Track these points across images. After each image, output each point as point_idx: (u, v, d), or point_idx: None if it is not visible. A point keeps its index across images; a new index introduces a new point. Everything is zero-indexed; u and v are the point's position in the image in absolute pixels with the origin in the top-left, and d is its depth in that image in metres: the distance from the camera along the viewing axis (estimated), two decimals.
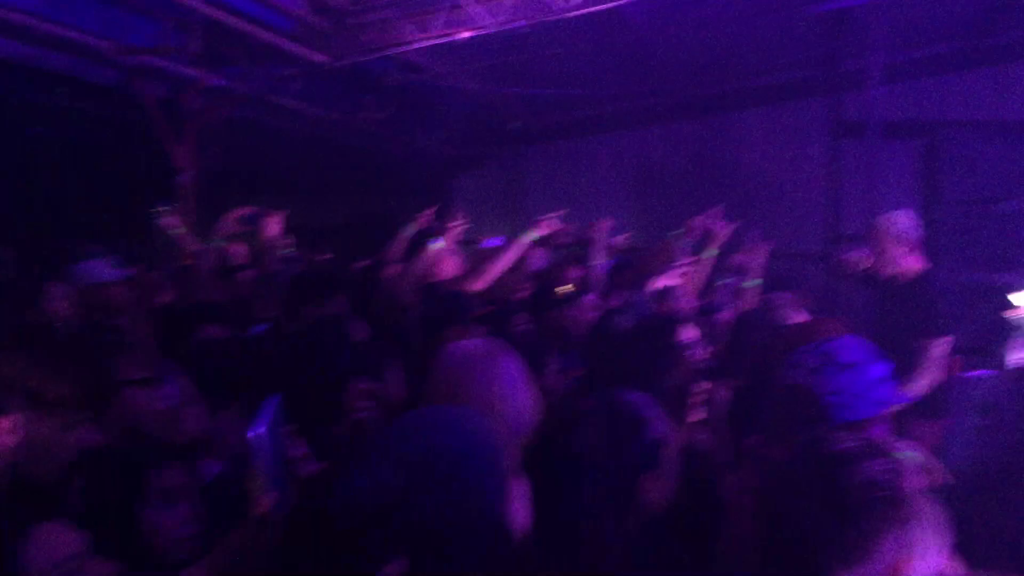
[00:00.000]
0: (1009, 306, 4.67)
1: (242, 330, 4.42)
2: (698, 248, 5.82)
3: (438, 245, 4.73)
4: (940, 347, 4.42)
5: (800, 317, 4.47)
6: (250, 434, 1.59)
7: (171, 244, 5.74)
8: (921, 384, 4.32)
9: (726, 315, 5.40)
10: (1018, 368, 5.13)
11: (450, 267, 4.92)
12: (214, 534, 2.05)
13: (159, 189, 10.08)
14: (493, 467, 1.46)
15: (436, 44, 7.80)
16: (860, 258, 5.09)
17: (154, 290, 3.96)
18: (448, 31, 7.67)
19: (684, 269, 5.36)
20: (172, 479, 2.03)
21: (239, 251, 5.94)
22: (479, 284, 4.51)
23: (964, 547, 1.88)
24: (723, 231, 5.74)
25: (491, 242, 6.86)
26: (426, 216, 5.81)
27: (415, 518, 1.37)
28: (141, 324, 3.95)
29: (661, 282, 5.16)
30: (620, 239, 6.02)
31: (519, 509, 1.53)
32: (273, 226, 4.64)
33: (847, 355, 2.02)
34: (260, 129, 9.29)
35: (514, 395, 2.04)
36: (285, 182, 12.09)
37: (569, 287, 5.16)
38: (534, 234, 4.65)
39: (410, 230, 5.80)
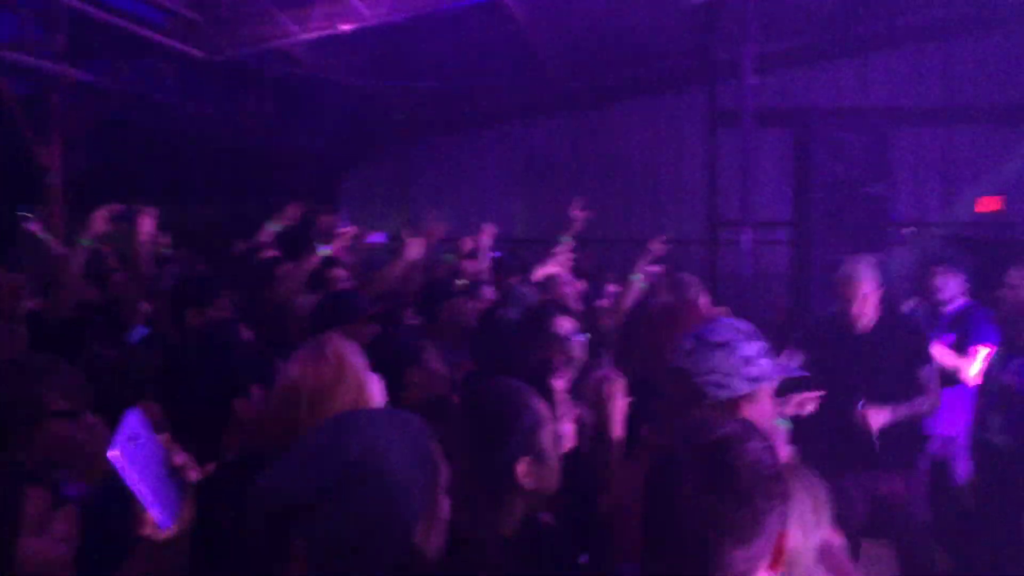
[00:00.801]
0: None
1: (119, 335, 4.25)
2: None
3: (326, 251, 4.65)
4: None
5: (704, 299, 4.50)
6: (110, 453, 1.49)
7: (37, 249, 5.46)
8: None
9: (606, 302, 5.51)
10: None
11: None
12: (93, 556, 1.97)
13: (24, 191, 9.59)
14: (421, 483, 1.43)
15: (316, 38, 7.67)
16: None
17: (17, 295, 3.73)
18: (328, 24, 7.55)
19: (562, 257, 5.43)
20: (39, 502, 1.94)
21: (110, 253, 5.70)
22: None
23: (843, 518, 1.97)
24: (578, 218, 5.83)
25: (375, 237, 6.83)
26: (292, 213, 5.72)
27: (329, 523, 1.33)
28: (12, 331, 3.74)
29: (542, 272, 5.22)
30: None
31: (439, 529, 1.50)
32: (146, 224, 4.40)
33: (718, 335, 2.08)
34: (134, 127, 8.94)
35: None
36: (162, 182, 11.66)
37: (465, 281, 5.16)
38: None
39: (273, 227, 5.68)
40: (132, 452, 1.50)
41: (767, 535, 1.34)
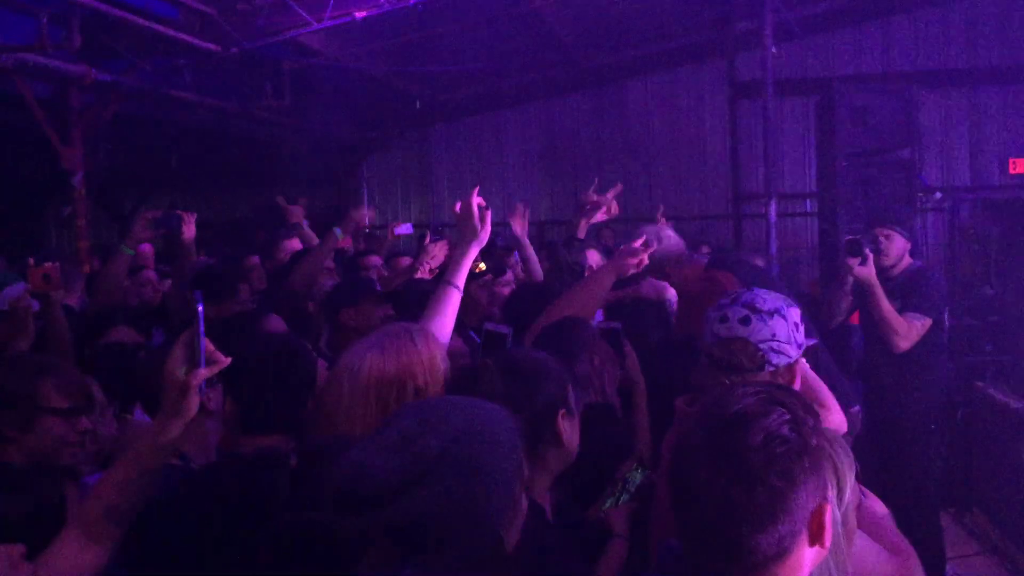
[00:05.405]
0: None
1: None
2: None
3: (339, 234, 4.78)
4: None
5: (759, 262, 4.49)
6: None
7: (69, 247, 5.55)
8: None
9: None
10: None
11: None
12: None
13: (50, 194, 9.66)
14: (510, 477, 1.39)
15: (331, 26, 7.63)
16: None
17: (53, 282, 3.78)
18: (343, 12, 7.51)
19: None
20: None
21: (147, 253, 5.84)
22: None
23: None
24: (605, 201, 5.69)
25: (403, 228, 7.02)
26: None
27: (415, 511, 1.29)
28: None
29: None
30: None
31: (518, 524, 1.47)
32: (190, 229, 4.57)
33: (768, 303, 2.09)
34: (154, 124, 8.97)
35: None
36: (184, 177, 11.74)
37: (481, 265, 5.16)
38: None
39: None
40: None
41: (794, 514, 1.24)
